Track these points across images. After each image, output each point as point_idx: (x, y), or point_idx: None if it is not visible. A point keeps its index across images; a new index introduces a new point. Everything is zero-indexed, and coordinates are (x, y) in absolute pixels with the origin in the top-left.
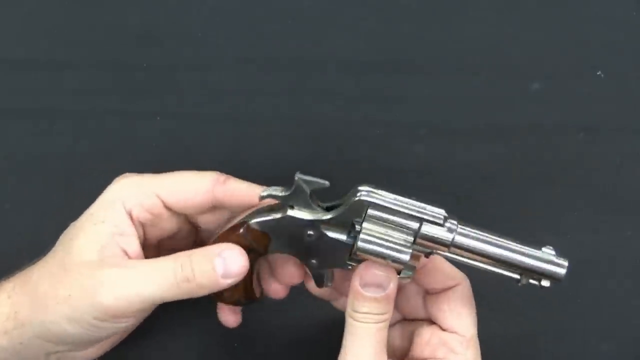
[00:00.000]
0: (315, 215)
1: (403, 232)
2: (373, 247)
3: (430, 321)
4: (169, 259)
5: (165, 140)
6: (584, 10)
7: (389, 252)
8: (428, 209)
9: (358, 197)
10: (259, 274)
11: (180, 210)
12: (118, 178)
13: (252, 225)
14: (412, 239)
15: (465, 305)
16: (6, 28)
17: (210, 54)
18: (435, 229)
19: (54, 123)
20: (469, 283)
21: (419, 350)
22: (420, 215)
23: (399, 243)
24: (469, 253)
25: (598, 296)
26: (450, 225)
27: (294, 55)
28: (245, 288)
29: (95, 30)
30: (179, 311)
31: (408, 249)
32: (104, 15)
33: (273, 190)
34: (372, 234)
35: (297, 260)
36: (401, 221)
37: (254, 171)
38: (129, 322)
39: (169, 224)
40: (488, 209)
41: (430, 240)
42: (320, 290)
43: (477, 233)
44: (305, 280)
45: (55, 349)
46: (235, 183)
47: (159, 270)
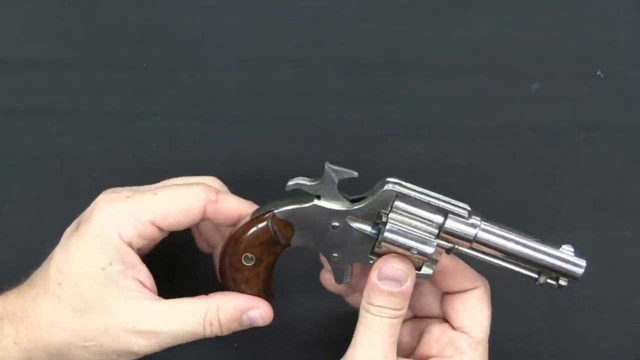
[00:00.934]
0: (342, 206)
1: (428, 225)
2: (399, 238)
3: (441, 319)
4: (198, 310)
5: (165, 140)
6: (584, 10)
7: (415, 244)
8: (453, 203)
9: (386, 188)
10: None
11: (172, 230)
12: (101, 201)
13: (278, 215)
14: (437, 232)
15: (480, 307)
16: (6, 28)
17: (210, 54)
18: (459, 224)
19: (54, 123)
20: (488, 287)
21: (427, 347)
22: (445, 208)
23: (424, 235)
24: (490, 249)
25: (598, 296)
26: (474, 220)
27: (294, 55)
28: (265, 286)
29: (95, 30)
30: None
31: (433, 242)
32: (104, 15)
33: (300, 179)
34: (399, 225)
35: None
36: (427, 214)
37: (254, 171)
38: None
39: (158, 239)
40: (488, 209)
41: (454, 235)
42: (336, 286)
43: (500, 229)
44: (322, 273)
45: None
46: (227, 200)
47: (189, 324)
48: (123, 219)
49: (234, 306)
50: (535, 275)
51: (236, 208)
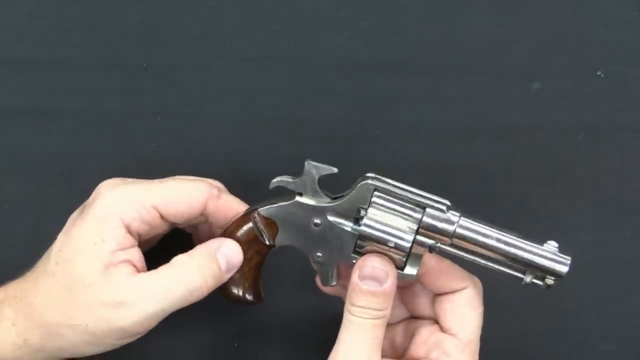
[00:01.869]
0: (323, 202)
1: (407, 220)
2: (375, 232)
3: (433, 321)
4: (173, 268)
5: (165, 140)
6: (584, 10)
7: (391, 238)
8: (432, 198)
9: (364, 182)
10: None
11: (174, 221)
12: (106, 187)
13: (261, 212)
14: (416, 227)
15: (469, 308)
16: (6, 28)
17: (210, 54)
18: (437, 219)
19: (54, 123)
20: (479, 288)
21: (417, 349)
22: (423, 203)
23: (401, 229)
24: (471, 245)
25: (598, 296)
26: (452, 216)
27: (294, 55)
28: (254, 287)
29: (95, 30)
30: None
31: (410, 236)
32: (104, 15)
33: (283, 177)
34: (377, 219)
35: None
36: (405, 210)
37: (254, 171)
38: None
39: (159, 229)
40: (488, 209)
41: (433, 230)
42: (331, 288)
43: (479, 225)
44: (317, 277)
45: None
46: (228, 198)
47: (169, 282)
48: (126, 201)
49: (203, 251)
50: (521, 275)
51: (236, 208)
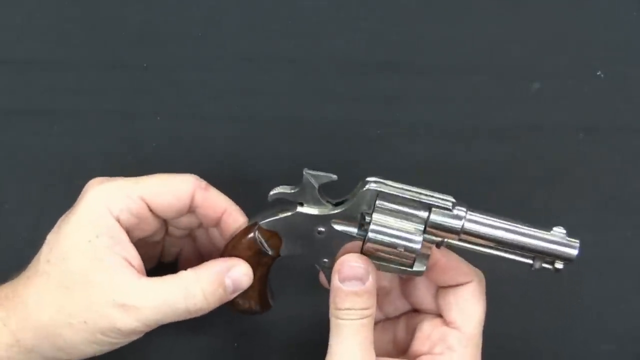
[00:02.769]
0: (325, 211)
1: (413, 221)
2: (384, 238)
3: (435, 315)
4: (178, 284)
5: (165, 140)
6: (584, 10)
7: (401, 242)
8: (436, 196)
9: (367, 188)
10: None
11: (162, 214)
12: (92, 183)
13: (263, 226)
14: (423, 227)
15: (473, 301)
16: (6, 28)
17: (210, 54)
18: (444, 216)
19: (54, 123)
20: (483, 282)
21: (420, 344)
22: (428, 202)
23: (410, 232)
24: (480, 239)
25: (598, 296)
26: (459, 212)
27: (294, 55)
28: (260, 297)
29: (95, 30)
30: None
31: (419, 237)
32: (104, 15)
33: (281, 188)
34: (383, 224)
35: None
36: (410, 210)
37: (254, 171)
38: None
39: (149, 227)
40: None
41: (440, 228)
42: None
43: (487, 218)
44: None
45: None
46: (215, 192)
47: (171, 298)
48: (113, 194)
49: (212, 272)
50: (530, 261)
51: (222, 201)
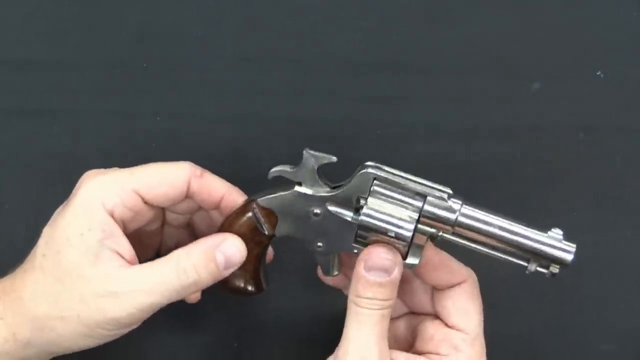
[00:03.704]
0: (322, 192)
1: (408, 209)
2: (376, 222)
3: (434, 316)
4: (169, 263)
5: (165, 140)
6: (584, 10)
7: (392, 227)
8: (433, 186)
9: (364, 171)
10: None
11: (158, 203)
12: (87, 176)
13: (260, 203)
14: (417, 216)
15: (471, 302)
16: (6, 28)
17: (210, 54)
18: (439, 207)
19: (54, 123)
20: (476, 280)
21: (423, 344)
22: (424, 192)
23: (402, 219)
24: (474, 233)
25: (598, 296)
26: (454, 204)
27: (294, 55)
28: (254, 278)
29: (95, 30)
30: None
31: (411, 225)
32: (103, 15)
33: (281, 167)
34: (377, 209)
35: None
36: (405, 198)
37: (254, 171)
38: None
39: (145, 217)
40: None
41: (434, 219)
42: (333, 279)
43: (482, 213)
44: (319, 268)
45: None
46: (211, 177)
47: (163, 277)
48: (106, 187)
49: (203, 247)
50: (525, 264)
51: (220, 185)
